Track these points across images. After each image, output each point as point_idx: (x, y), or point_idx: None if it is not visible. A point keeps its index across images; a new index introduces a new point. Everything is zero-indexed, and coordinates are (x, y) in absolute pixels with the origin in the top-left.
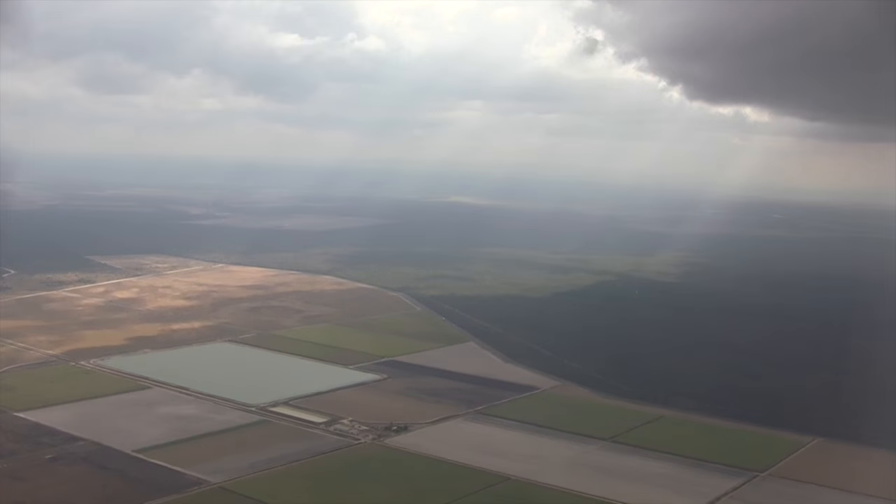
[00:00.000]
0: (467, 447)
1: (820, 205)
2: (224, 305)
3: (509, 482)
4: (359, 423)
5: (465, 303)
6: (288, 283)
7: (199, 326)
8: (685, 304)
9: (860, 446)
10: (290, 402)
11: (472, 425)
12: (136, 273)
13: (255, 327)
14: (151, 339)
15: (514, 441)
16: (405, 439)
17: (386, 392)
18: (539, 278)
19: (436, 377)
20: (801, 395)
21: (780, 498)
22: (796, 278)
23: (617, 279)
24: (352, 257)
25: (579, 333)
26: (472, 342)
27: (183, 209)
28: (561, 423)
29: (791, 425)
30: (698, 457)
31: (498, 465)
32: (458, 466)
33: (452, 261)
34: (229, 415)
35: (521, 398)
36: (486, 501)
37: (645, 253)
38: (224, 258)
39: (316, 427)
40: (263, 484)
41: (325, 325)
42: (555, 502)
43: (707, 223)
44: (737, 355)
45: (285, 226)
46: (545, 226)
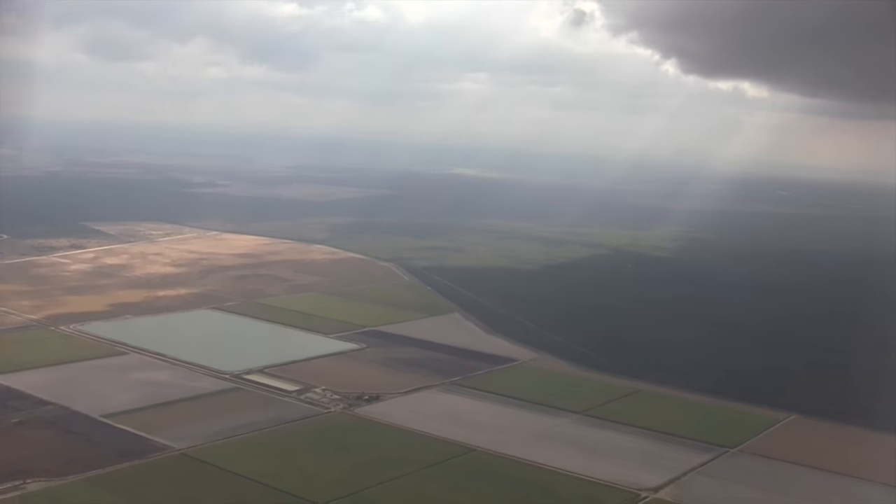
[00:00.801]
0: (437, 418)
1: (826, 182)
2: (212, 273)
3: (474, 453)
4: (331, 391)
5: (455, 274)
6: (280, 251)
7: (184, 293)
8: (677, 279)
9: (835, 423)
10: (264, 370)
11: (444, 396)
12: (128, 240)
13: (240, 295)
14: (134, 305)
15: (484, 412)
16: (375, 409)
17: (363, 361)
18: (533, 251)
19: (415, 347)
20: (784, 371)
21: (745, 473)
22: (794, 255)
23: (611, 253)
24: (347, 227)
25: (565, 306)
26: (456, 313)
27: (185, 177)
28: (535, 396)
29: (770, 402)
30: (670, 431)
31: (465, 436)
32: (425, 437)
33: (448, 232)
34: (202, 381)
35: (497, 370)
36: (447, 472)
37: (643, 227)
38: (219, 226)
39: (287, 395)
40: (226, 451)
41: (311, 294)
42: (516, 474)
43: (710, 199)
44: (724, 331)
45: (285, 195)
46: (545, 199)
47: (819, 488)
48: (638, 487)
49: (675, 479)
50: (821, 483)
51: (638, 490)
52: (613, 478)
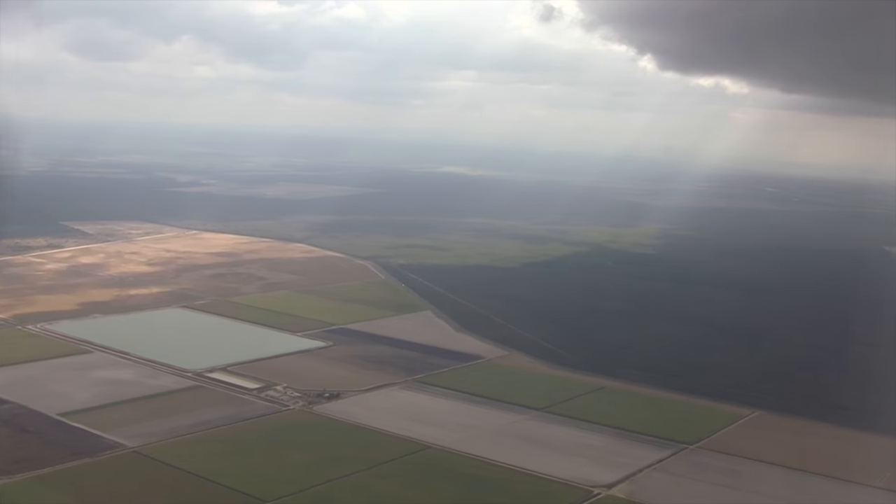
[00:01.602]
0: (396, 415)
1: (814, 179)
2: (187, 272)
3: (429, 450)
4: (292, 389)
5: (432, 272)
6: (257, 250)
7: (156, 292)
8: (656, 276)
9: (800, 420)
10: (227, 368)
11: (406, 393)
12: (106, 239)
13: (213, 294)
14: (105, 304)
15: (445, 410)
16: (335, 406)
17: (328, 359)
18: (513, 248)
19: (383, 345)
20: (753, 367)
21: (701, 469)
22: (777, 251)
23: (592, 250)
24: (329, 225)
25: (540, 304)
26: (428, 311)
27: (171, 176)
28: (498, 393)
29: (736, 398)
30: (630, 428)
31: (422, 434)
32: (382, 434)
33: (430, 230)
34: (164, 380)
35: (463, 367)
36: (400, 469)
37: (627, 224)
38: (200, 225)
39: (247, 393)
40: (178, 449)
41: (285, 293)
42: (469, 471)
43: (696, 196)
44: (698, 327)
45: (269, 193)
46: (531, 196)
47: (773, 484)
48: (592, 484)
49: (630, 476)
50: (776, 479)
51: (591, 487)
52: (568, 475)
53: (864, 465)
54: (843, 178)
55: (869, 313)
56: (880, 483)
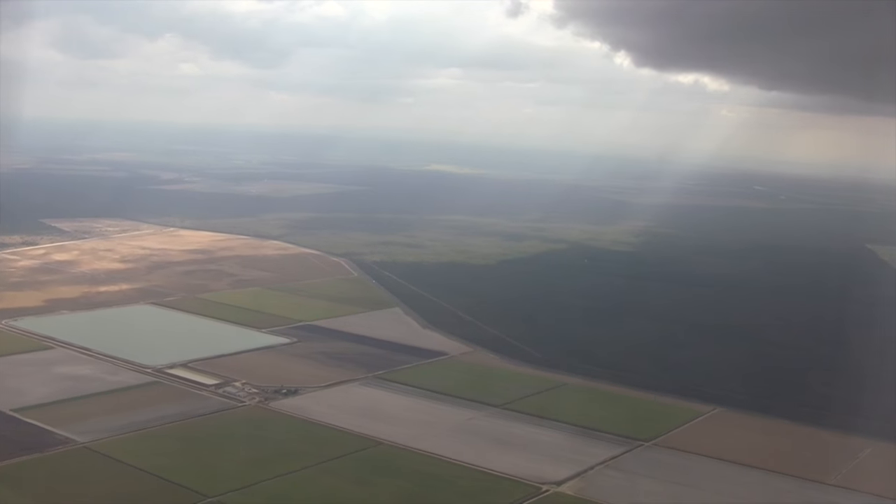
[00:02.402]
0: (352, 411)
1: (805, 177)
2: (160, 268)
3: (382, 446)
4: (251, 385)
5: (405, 269)
6: (232, 247)
7: (126, 289)
8: (632, 273)
9: (760, 416)
10: (188, 365)
11: (365, 390)
12: (83, 236)
13: (182, 290)
14: (72, 300)
15: (402, 406)
16: (291, 402)
17: (291, 356)
18: (491, 245)
19: (347, 342)
20: (719, 364)
21: (654, 466)
22: (757, 249)
23: (570, 247)
24: (307, 222)
25: (511, 301)
26: (397, 308)
27: (156, 174)
28: (458, 390)
29: (698, 395)
30: (587, 425)
31: (376, 430)
32: (335, 430)
33: (409, 227)
34: (123, 375)
35: (425, 364)
36: (349, 465)
37: (609, 222)
38: (178, 222)
39: (205, 389)
40: (128, 444)
41: (255, 289)
42: (419, 467)
43: (682, 194)
44: (667, 325)
45: (252, 191)
46: (516, 194)
47: (725, 481)
48: (541, 481)
49: (582, 473)
50: (728, 476)
51: (540, 483)
52: (519, 471)
53: (820, 462)
54: (835, 176)
55: (841, 311)
56: (834, 480)
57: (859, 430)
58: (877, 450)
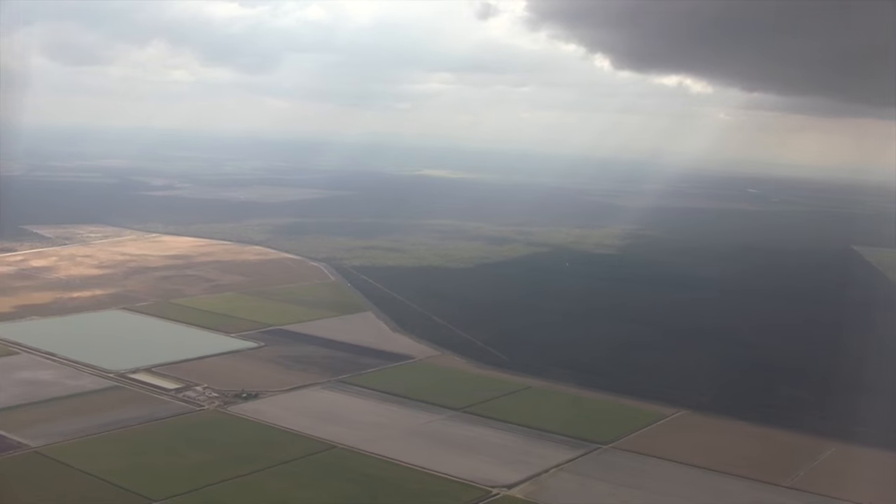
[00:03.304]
0: (310, 415)
1: (800, 180)
2: (137, 274)
3: (334, 450)
4: (212, 389)
5: (383, 273)
6: (213, 252)
7: (99, 294)
8: (611, 276)
9: (723, 419)
10: (151, 369)
11: (325, 394)
12: (63, 242)
13: (156, 295)
14: (43, 306)
15: (360, 410)
16: (250, 406)
17: (256, 360)
18: (473, 249)
19: (315, 346)
20: (687, 367)
21: (609, 470)
22: (742, 251)
23: (552, 250)
24: (291, 228)
25: (485, 304)
26: (370, 312)
27: (146, 180)
28: (419, 393)
29: (663, 398)
30: (547, 428)
31: (332, 434)
32: (291, 434)
33: (393, 231)
34: (84, 380)
35: (390, 367)
36: (298, 469)
37: (596, 225)
38: (161, 228)
39: (165, 393)
40: (80, 449)
41: (229, 294)
42: (370, 471)
43: (673, 196)
44: (640, 327)
45: (241, 197)
46: (506, 198)
47: (679, 484)
48: (492, 484)
49: (535, 476)
50: (684, 479)
51: (491, 487)
52: (471, 475)
53: (778, 465)
54: (829, 178)
55: (818, 312)
56: (789, 482)
57: (823, 432)
58: (838, 451)
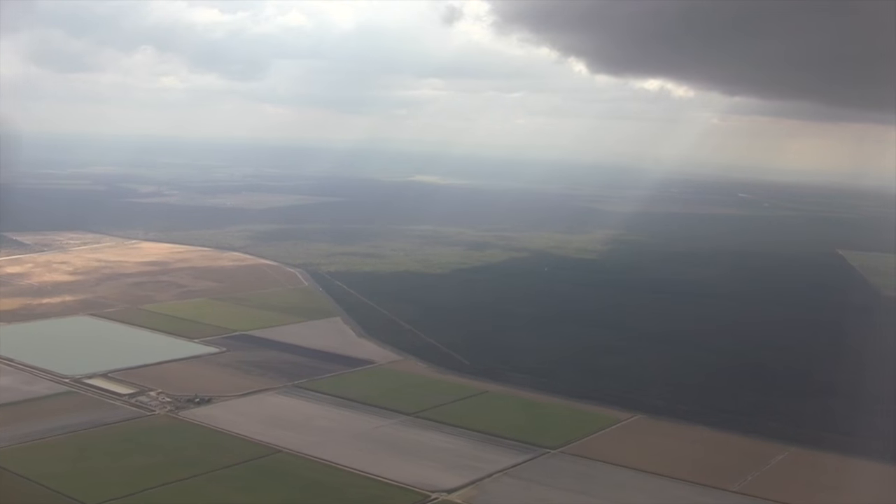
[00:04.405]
0: (260, 420)
1: (793, 185)
2: (109, 280)
3: (279, 455)
4: (165, 394)
5: (358, 278)
6: (190, 259)
7: (69, 300)
8: (588, 281)
9: (679, 423)
10: (108, 375)
11: (280, 398)
12: (42, 249)
13: (126, 301)
14: (10, 312)
15: (313, 415)
16: (201, 411)
17: (215, 365)
18: (451, 255)
19: (276, 351)
20: (650, 371)
21: (555, 474)
22: (724, 256)
23: (531, 256)
24: (272, 234)
25: (455, 309)
26: (338, 317)
27: (134, 187)
28: (374, 398)
29: (622, 402)
30: (497, 433)
31: (278, 438)
32: (237, 438)
33: (374, 237)
34: (38, 385)
35: (349, 372)
36: (240, 473)
37: (580, 230)
38: (142, 235)
39: (118, 398)
40: (23, 453)
41: (200, 300)
42: (312, 475)
43: (663, 201)
44: (609, 331)
45: (227, 203)
46: (493, 203)
47: (624, 488)
48: (432, 489)
49: (478, 481)
50: (630, 483)
51: (431, 491)
52: (412, 479)
53: (728, 469)
54: (825, 183)
55: (792, 317)
56: (736, 487)
57: (780, 436)
58: (791, 455)
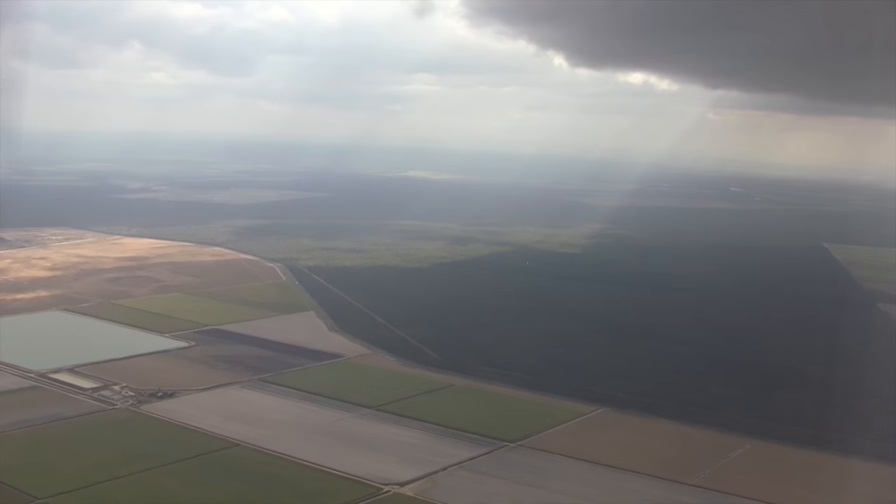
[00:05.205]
0: (221, 414)
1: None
2: (87, 276)
3: (235, 448)
4: (129, 389)
5: (336, 273)
6: (170, 254)
7: (44, 296)
8: (568, 275)
9: (643, 417)
10: (75, 369)
11: (243, 392)
12: (22, 245)
13: (101, 297)
14: None
15: (274, 408)
16: (163, 405)
17: (183, 359)
18: (433, 249)
19: (245, 345)
20: (619, 365)
21: (510, 467)
22: (708, 250)
23: (515, 250)
24: (256, 229)
25: (430, 303)
26: (312, 312)
27: (123, 183)
28: (337, 392)
29: (588, 396)
30: (457, 426)
31: (237, 432)
32: (194, 432)
33: (358, 232)
34: (3, 380)
35: (315, 366)
36: (194, 467)
37: (566, 225)
38: (125, 230)
39: (81, 392)
40: None
41: (175, 295)
42: (266, 469)
43: (653, 196)
44: (582, 325)
45: (215, 199)
46: (483, 198)
47: (579, 482)
48: (385, 482)
49: (431, 474)
50: (585, 477)
51: (383, 484)
52: (366, 472)
53: (687, 463)
54: (820, 178)
55: (769, 310)
56: (694, 480)
57: (743, 429)
58: (752, 448)
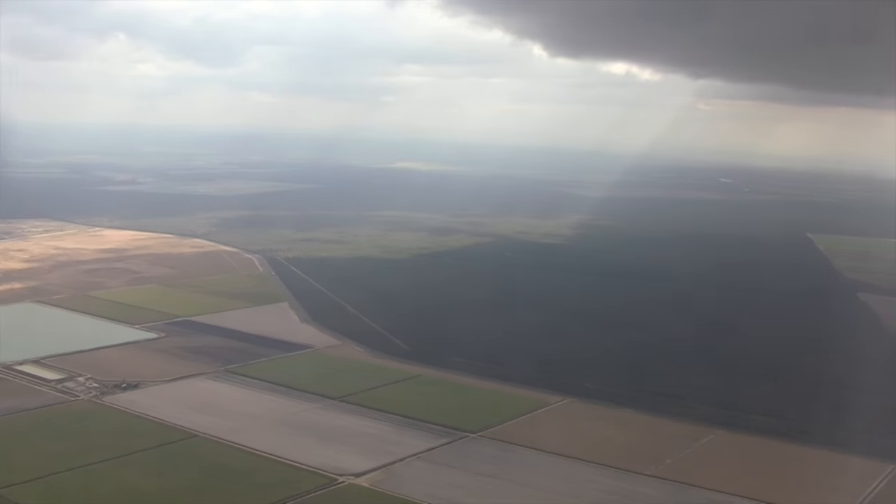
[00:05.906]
0: (183, 405)
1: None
2: (62, 268)
3: (194, 440)
4: (94, 380)
5: (314, 264)
6: (149, 246)
7: (17, 287)
8: (546, 265)
9: (609, 407)
10: (40, 361)
11: (208, 383)
12: (1, 237)
13: (75, 288)
14: None
15: (238, 399)
16: (125, 397)
17: (150, 350)
18: (415, 240)
19: (215, 336)
20: (588, 355)
21: (469, 458)
22: (690, 240)
23: (497, 241)
24: (238, 220)
25: (406, 294)
26: (285, 303)
27: (109, 175)
28: (302, 383)
29: (554, 385)
30: (419, 417)
31: (197, 423)
32: (155, 423)
33: (341, 223)
34: None
35: (283, 357)
36: (151, 458)
37: (550, 216)
38: (107, 222)
39: (44, 384)
40: None
41: (150, 286)
42: (223, 460)
43: (642, 186)
44: (555, 315)
45: (200, 191)
46: (471, 189)
47: (536, 472)
48: (340, 472)
49: (388, 465)
50: (544, 467)
51: (339, 475)
52: (323, 463)
53: (648, 453)
54: (812, 168)
55: (745, 300)
56: (652, 471)
57: (709, 419)
58: (717, 439)
